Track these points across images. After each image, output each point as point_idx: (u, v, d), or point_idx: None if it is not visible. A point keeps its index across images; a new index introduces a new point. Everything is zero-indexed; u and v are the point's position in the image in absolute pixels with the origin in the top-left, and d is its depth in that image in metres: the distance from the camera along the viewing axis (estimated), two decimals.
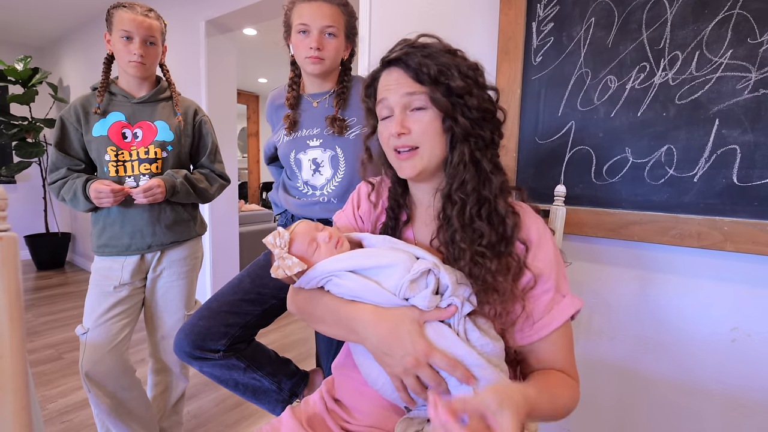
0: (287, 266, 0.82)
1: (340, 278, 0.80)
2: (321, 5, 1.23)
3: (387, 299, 0.76)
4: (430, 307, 0.74)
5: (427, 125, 0.80)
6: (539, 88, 1.35)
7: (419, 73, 0.78)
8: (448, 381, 0.72)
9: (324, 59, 1.26)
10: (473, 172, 0.80)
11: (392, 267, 0.76)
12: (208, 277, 3.16)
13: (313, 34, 1.23)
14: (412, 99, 0.80)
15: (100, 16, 3.97)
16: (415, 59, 0.78)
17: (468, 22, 1.54)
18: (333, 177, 1.34)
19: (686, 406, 1.20)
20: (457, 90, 0.78)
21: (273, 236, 0.86)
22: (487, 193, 0.80)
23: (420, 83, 0.79)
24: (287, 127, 1.35)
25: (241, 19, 2.88)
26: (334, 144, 1.33)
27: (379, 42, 1.83)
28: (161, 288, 1.67)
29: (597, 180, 1.26)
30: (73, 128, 1.52)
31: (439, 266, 0.76)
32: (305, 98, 1.38)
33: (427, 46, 0.80)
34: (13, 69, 4.18)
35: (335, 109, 1.33)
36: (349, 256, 0.81)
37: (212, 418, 2.13)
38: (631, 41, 1.19)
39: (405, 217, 0.93)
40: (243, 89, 6.82)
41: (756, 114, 1.03)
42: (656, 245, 1.20)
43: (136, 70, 1.50)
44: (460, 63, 0.80)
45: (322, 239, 0.85)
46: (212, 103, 2.95)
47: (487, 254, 0.77)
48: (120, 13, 1.46)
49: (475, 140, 0.80)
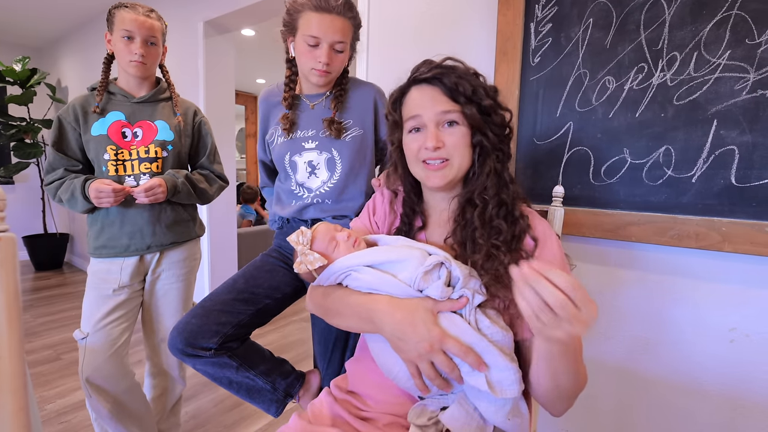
0: (309, 261, 0.87)
1: (358, 272, 0.85)
2: (333, 19, 1.18)
3: (402, 290, 0.81)
4: (443, 297, 0.79)
5: (458, 140, 0.88)
6: (537, 89, 1.35)
7: (455, 92, 0.86)
8: (461, 367, 0.76)
9: (331, 72, 1.24)
10: (495, 180, 0.89)
11: (407, 261, 0.82)
12: (207, 278, 3.16)
13: (323, 48, 1.20)
14: (447, 116, 0.87)
15: (98, 17, 3.96)
16: (451, 79, 0.86)
17: (466, 22, 1.54)
18: (329, 179, 1.33)
19: (684, 406, 1.20)
20: (486, 108, 0.87)
21: (296, 234, 0.91)
22: (506, 197, 0.89)
23: (455, 101, 0.87)
24: (285, 128, 1.33)
25: (240, 20, 2.88)
26: (330, 146, 1.32)
27: (377, 42, 1.83)
28: (160, 290, 1.66)
29: (595, 181, 1.26)
30: (70, 128, 1.51)
31: (450, 260, 0.81)
32: (302, 99, 1.37)
33: (455, 68, 0.88)
34: (12, 70, 4.18)
35: (333, 112, 1.31)
36: (367, 252, 0.87)
37: (211, 418, 2.12)
38: (629, 42, 1.19)
39: (420, 223, 1.00)
40: (241, 90, 6.81)
41: (754, 115, 1.04)
42: (654, 246, 1.20)
43: (136, 69, 1.50)
44: (485, 85, 0.90)
45: (341, 238, 0.91)
46: (210, 104, 2.94)
47: (502, 248, 0.84)
48: (122, 13, 1.46)
49: (498, 153, 0.90)
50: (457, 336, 0.76)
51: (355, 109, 1.34)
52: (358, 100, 1.35)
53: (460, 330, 0.76)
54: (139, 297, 1.65)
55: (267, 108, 1.42)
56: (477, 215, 0.87)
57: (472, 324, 0.77)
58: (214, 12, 2.82)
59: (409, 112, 0.91)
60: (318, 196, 1.34)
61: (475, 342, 0.75)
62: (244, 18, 2.83)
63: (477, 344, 0.75)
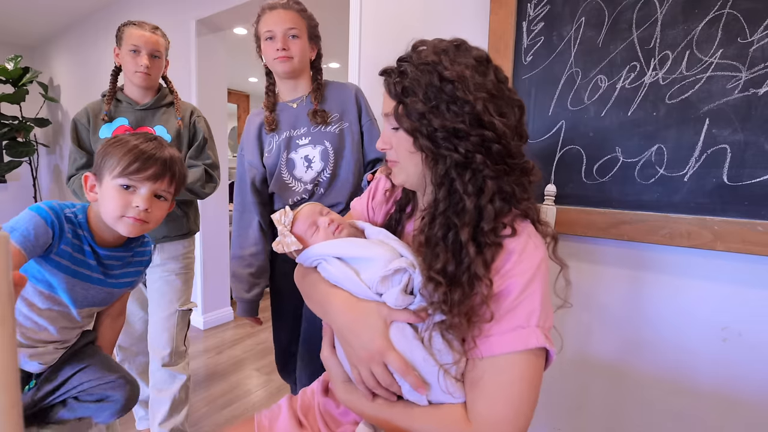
0: (286, 243, 0.87)
1: (327, 263, 0.83)
2: (280, 12, 1.37)
3: (362, 291, 0.77)
4: (399, 306, 0.73)
5: (399, 142, 0.78)
6: (529, 88, 1.34)
7: (392, 91, 0.75)
8: (402, 385, 0.72)
9: (292, 57, 1.38)
10: (445, 196, 0.74)
11: (373, 260, 0.78)
12: (199, 275, 3.14)
13: (277, 37, 1.36)
14: (389, 120, 0.78)
15: (90, 17, 3.94)
16: (393, 77, 0.75)
17: (458, 21, 1.54)
18: (324, 169, 1.42)
19: (677, 405, 1.20)
20: (417, 109, 0.73)
21: (280, 214, 0.91)
22: (457, 221, 0.72)
23: (394, 100, 0.75)
24: (271, 128, 1.43)
25: (232, 19, 2.87)
26: (323, 139, 1.41)
27: (369, 41, 1.82)
28: (155, 283, 1.72)
29: (587, 179, 1.26)
30: (84, 128, 1.66)
31: (416, 266, 0.75)
32: (283, 104, 1.48)
33: (410, 59, 0.75)
34: (4, 68, 4.15)
35: (314, 104, 1.43)
36: (339, 243, 0.84)
37: (203, 417, 2.12)
38: (621, 41, 1.18)
39: (410, 209, 0.94)
40: (233, 88, 6.78)
41: (746, 113, 1.03)
42: (646, 245, 1.20)
43: (141, 79, 1.64)
44: (431, 79, 0.73)
45: (322, 224, 0.89)
46: (203, 103, 2.93)
47: (440, 281, 0.69)
48: (130, 30, 1.63)
49: (457, 162, 0.76)
50: (403, 351, 0.71)
51: (335, 102, 1.45)
52: (338, 94, 1.47)
53: (408, 345, 0.71)
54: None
55: (257, 127, 1.48)
56: (420, 228, 0.77)
57: (425, 341, 0.71)
58: (207, 11, 2.81)
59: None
60: (308, 189, 1.43)
61: (421, 361, 0.70)
62: (236, 17, 2.82)
63: (422, 364, 0.70)
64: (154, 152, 1.06)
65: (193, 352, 2.79)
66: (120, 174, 1.02)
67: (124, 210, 1.03)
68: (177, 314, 1.71)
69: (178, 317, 1.72)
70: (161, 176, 1.07)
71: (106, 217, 1.05)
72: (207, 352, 2.86)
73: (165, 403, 1.73)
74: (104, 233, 1.11)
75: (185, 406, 1.81)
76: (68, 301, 1.09)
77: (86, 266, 1.09)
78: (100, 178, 1.06)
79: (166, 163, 1.08)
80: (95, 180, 1.08)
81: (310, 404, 0.95)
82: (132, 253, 1.19)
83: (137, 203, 1.04)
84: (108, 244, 1.13)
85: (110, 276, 1.14)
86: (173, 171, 1.10)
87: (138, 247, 1.21)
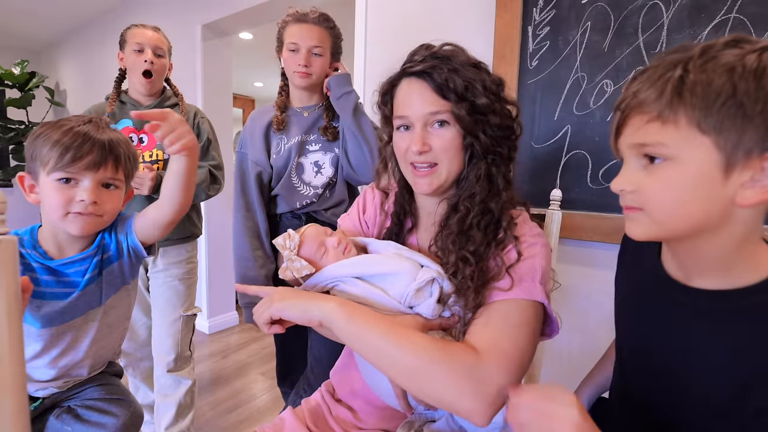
0: (296, 269, 0.82)
1: (346, 284, 0.80)
2: (310, 27, 1.37)
3: (392, 306, 0.76)
4: (434, 316, 0.74)
5: (448, 142, 0.78)
6: (535, 92, 1.34)
7: (445, 89, 0.75)
8: None
9: (311, 74, 1.40)
10: (485, 186, 0.79)
11: (397, 275, 0.77)
12: (204, 279, 3.14)
13: (301, 52, 1.37)
14: (435, 116, 0.78)
15: (96, 21, 3.96)
16: (442, 75, 0.75)
17: (464, 25, 1.54)
18: (334, 175, 1.45)
19: None
20: (481, 108, 0.76)
21: (283, 238, 0.86)
22: (494, 205, 0.79)
23: (444, 99, 0.76)
24: (277, 126, 1.44)
25: (237, 23, 2.88)
26: (333, 146, 1.44)
27: (374, 44, 1.83)
28: (158, 288, 1.71)
29: (593, 184, 1.26)
30: None
31: (443, 275, 0.77)
32: (295, 109, 1.48)
33: (451, 58, 0.77)
34: (10, 73, 4.17)
35: (325, 120, 1.45)
36: (356, 262, 0.81)
37: (208, 422, 2.11)
38: (627, 45, 1.18)
39: (410, 224, 0.93)
40: (239, 93, 6.81)
41: None
42: None
43: (146, 77, 1.64)
44: (484, 78, 0.78)
45: (330, 244, 0.86)
46: (208, 107, 2.93)
47: (470, 260, 0.75)
48: (133, 30, 1.66)
49: (493, 157, 0.79)
50: None
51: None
52: None
53: None
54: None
55: (264, 126, 1.46)
56: (456, 221, 0.79)
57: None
58: (212, 15, 2.82)
59: (397, 110, 0.83)
60: (323, 189, 1.46)
61: None
62: (241, 21, 2.83)
63: None
64: (90, 135, 0.91)
65: (198, 356, 2.79)
66: (55, 167, 0.89)
67: (68, 206, 0.91)
68: (181, 320, 1.71)
69: (182, 323, 1.72)
70: (102, 163, 0.92)
71: (52, 218, 0.93)
72: (212, 357, 2.86)
73: (171, 408, 1.73)
74: (63, 242, 0.99)
75: (191, 410, 1.80)
76: (37, 324, 0.97)
77: (42, 284, 0.96)
78: (35, 176, 0.94)
79: (106, 146, 0.93)
80: (31, 179, 0.95)
81: (318, 413, 0.94)
82: (97, 248, 1.03)
83: (81, 197, 0.91)
84: (75, 251, 1.00)
85: (72, 284, 1.00)
86: (116, 154, 0.95)
87: (103, 240, 1.04)
